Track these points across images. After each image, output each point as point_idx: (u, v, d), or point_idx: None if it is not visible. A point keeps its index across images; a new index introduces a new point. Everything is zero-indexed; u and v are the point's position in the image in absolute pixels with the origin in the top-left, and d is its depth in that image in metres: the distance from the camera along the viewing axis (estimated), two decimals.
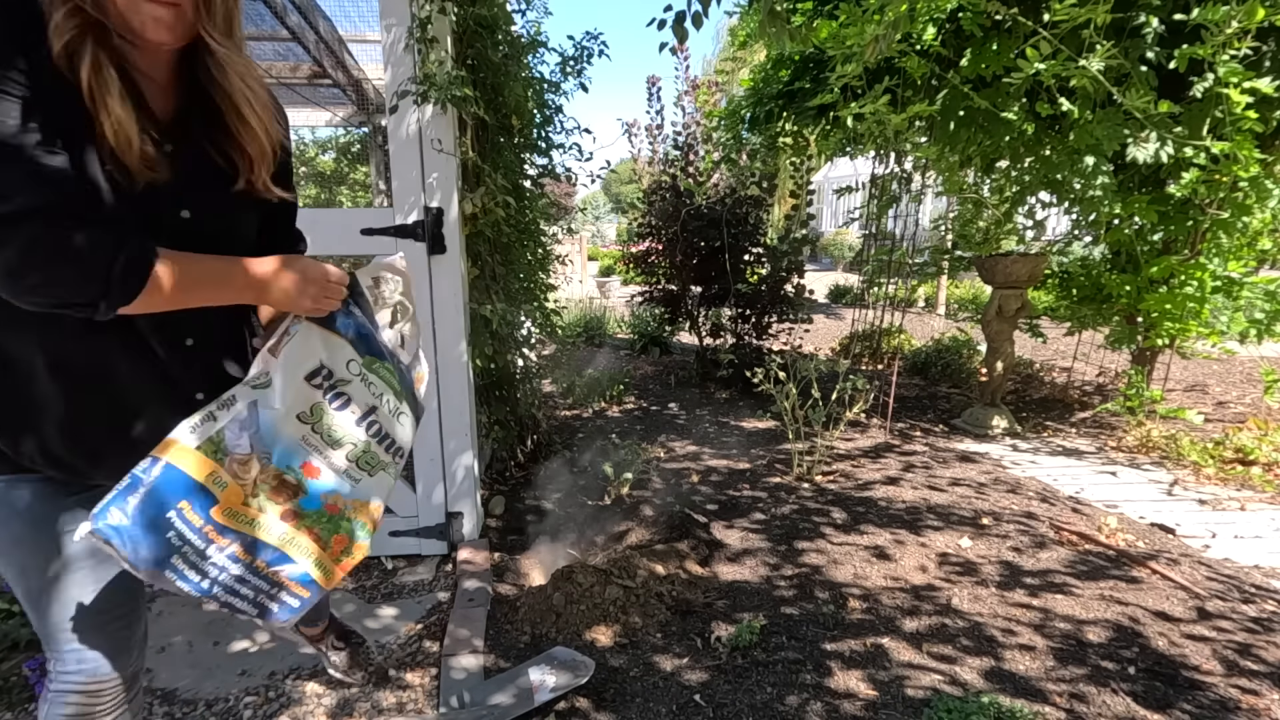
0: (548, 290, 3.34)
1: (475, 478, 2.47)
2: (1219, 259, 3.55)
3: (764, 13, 2.12)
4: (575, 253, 11.44)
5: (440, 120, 2.14)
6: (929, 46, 3.17)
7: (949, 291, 9.93)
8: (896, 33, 2.48)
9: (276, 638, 2.00)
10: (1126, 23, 2.84)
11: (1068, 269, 4.45)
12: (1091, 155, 3.08)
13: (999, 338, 4.05)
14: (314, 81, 4.47)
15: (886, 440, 3.92)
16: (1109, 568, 2.32)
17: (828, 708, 1.65)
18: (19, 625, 1.82)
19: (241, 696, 1.75)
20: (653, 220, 5.37)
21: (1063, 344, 6.26)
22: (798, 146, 4.97)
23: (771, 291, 4.99)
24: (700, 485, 3.20)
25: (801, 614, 2.06)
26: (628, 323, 7.91)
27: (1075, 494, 3.09)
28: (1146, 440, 3.73)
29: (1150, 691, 1.67)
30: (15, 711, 1.68)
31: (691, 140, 5.30)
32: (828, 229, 18.47)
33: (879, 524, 2.67)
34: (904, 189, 4.82)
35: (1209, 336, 3.62)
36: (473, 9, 2.27)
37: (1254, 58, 2.81)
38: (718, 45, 21.58)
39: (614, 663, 1.84)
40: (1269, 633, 1.93)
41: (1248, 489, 3.14)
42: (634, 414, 4.58)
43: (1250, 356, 5.83)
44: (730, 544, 2.54)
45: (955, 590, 2.17)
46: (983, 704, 1.56)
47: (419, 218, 2.20)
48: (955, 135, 3.57)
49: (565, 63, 2.93)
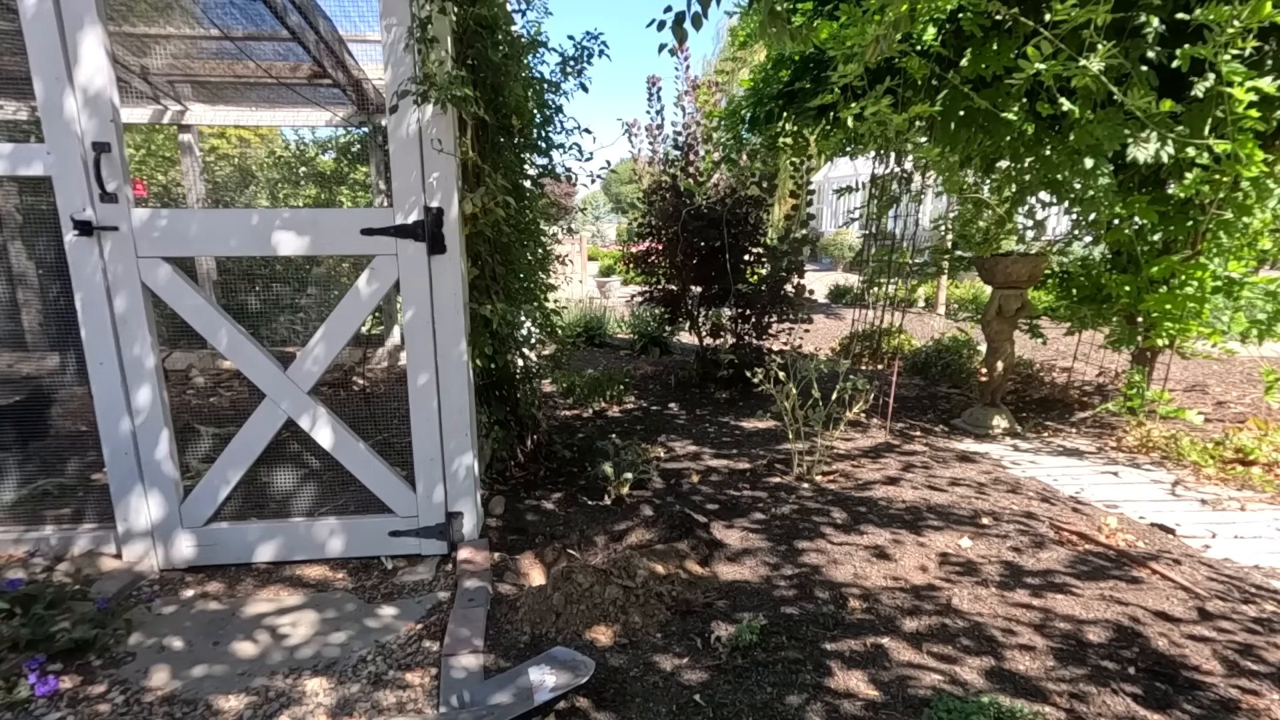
0: (548, 290, 3.34)
1: (475, 478, 2.47)
2: (1219, 259, 3.55)
3: (764, 13, 2.12)
4: (575, 253, 11.43)
5: (440, 120, 2.14)
6: (929, 47, 3.17)
7: (949, 291, 9.93)
8: (897, 33, 2.48)
9: (276, 638, 2.00)
10: (1127, 22, 2.84)
11: (1068, 269, 4.45)
12: (1092, 155, 3.08)
13: (999, 338, 4.04)
14: (314, 81, 4.48)
15: (886, 440, 3.92)
16: (1109, 568, 2.32)
17: (828, 708, 1.65)
18: (19, 626, 1.82)
19: (241, 696, 1.75)
20: (653, 220, 5.37)
21: (1063, 344, 6.26)
22: (798, 147, 4.97)
23: (771, 291, 4.99)
24: (700, 485, 3.20)
25: (802, 614, 2.06)
26: (628, 323, 7.91)
27: (1075, 494, 3.09)
28: (1147, 440, 3.73)
29: (1151, 691, 1.67)
30: (15, 711, 1.68)
31: (692, 140, 5.30)
32: (828, 229, 18.47)
33: (879, 524, 2.67)
34: (904, 189, 4.82)
35: (1209, 337, 3.62)
36: (473, 9, 2.26)
37: (1255, 57, 2.81)
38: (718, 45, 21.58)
39: (614, 662, 1.84)
40: (1269, 633, 1.93)
41: (1248, 489, 3.14)
42: (634, 414, 4.58)
43: (1250, 356, 5.83)
44: (730, 544, 2.54)
45: (955, 590, 2.17)
46: (983, 704, 1.56)
47: (419, 218, 2.20)
48: (955, 135, 3.57)
49: (565, 63, 2.93)
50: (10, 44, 3.32)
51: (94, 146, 2.05)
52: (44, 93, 2.01)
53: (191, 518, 2.37)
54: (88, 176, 2.08)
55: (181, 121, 5.35)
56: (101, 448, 2.26)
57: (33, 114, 4.03)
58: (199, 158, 5.70)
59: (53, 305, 2.83)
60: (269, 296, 4.05)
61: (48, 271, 2.77)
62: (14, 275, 3.09)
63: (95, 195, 2.09)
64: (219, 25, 3.72)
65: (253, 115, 5.67)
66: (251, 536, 2.40)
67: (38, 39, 1.98)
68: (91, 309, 2.15)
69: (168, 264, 2.19)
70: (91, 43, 2.00)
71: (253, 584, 2.31)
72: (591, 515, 2.86)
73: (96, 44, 2.00)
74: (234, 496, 2.41)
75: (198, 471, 2.54)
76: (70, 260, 2.12)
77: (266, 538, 2.41)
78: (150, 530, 2.34)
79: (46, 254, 2.54)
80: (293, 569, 2.39)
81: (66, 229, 2.10)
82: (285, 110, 5.50)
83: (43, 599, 1.93)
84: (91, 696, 1.74)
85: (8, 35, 3.21)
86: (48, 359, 3.00)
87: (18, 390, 2.97)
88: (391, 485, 2.44)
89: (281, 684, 1.80)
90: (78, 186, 2.08)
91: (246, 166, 8.70)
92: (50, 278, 2.78)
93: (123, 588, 2.21)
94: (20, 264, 3.13)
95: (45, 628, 1.85)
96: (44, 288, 3.02)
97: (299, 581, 2.32)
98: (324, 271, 5.00)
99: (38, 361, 3.02)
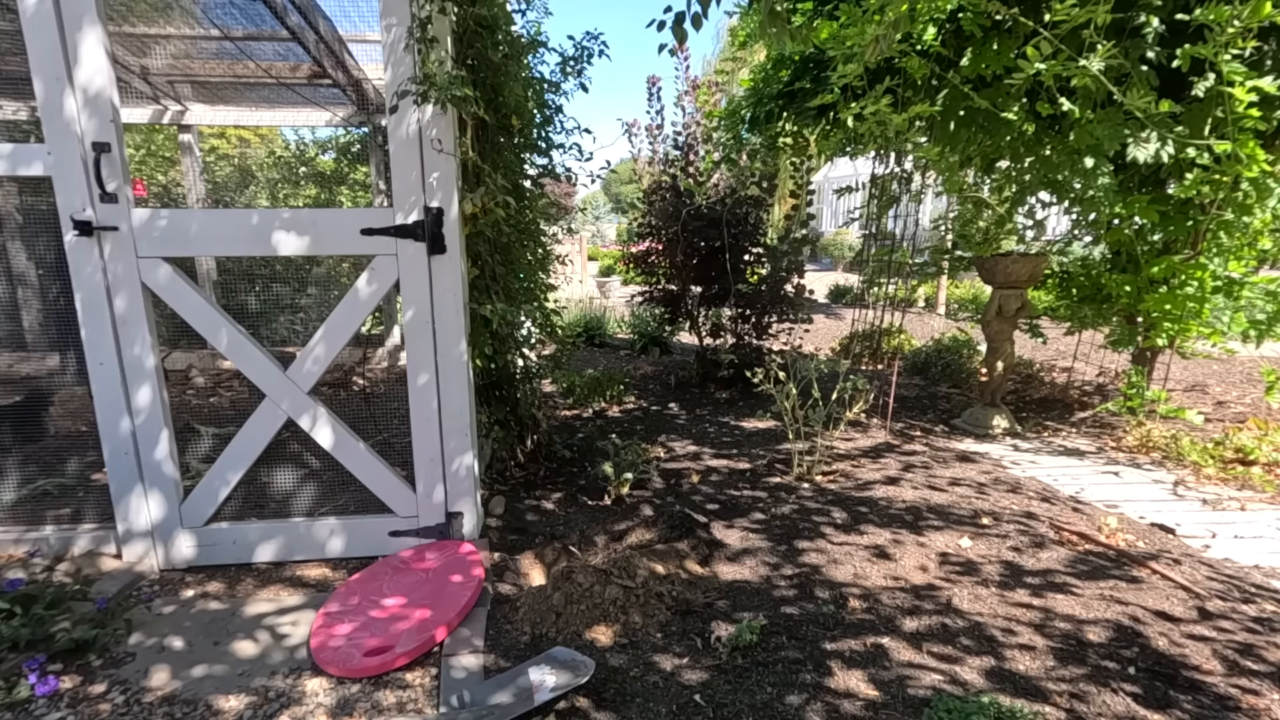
0: (548, 290, 3.34)
1: (475, 478, 2.47)
2: (1219, 259, 3.55)
3: (765, 13, 2.12)
4: (575, 253, 11.43)
5: (440, 120, 2.14)
6: (929, 47, 3.17)
7: (949, 291, 9.93)
8: (897, 33, 2.48)
9: (276, 638, 2.00)
10: (1127, 22, 2.84)
11: (1068, 269, 4.45)
12: (1092, 155, 3.08)
13: (999, 338, 4.04)
14: (314, 81, 4.48)
15: (886, 440, 3.92)
16: (1109, 568, 2.32)
17: (828, 707, 1.65)
18: (19, 626, 1.82)
19: (242, 696, 1.75)
20: (653, 220, 5.36)
21: (1063, 344, 6.26)
22: (798, 147, 4.97)
23: (771, 291, 4.99)
24: (700, 485, 3.20)
25: (802, 614, 2.06)
26: (628, 323, 7.91)
27: (1075, 494, 3.09)
28: (1147, 440, 3.73)
29: (1151, 691, 1.67)
30: (15, 711, 1.68)
31: (691, 140, 5.30)
32: (828, 229, 18.47)
33: (879, 524, 2.67)
34: (904, 189, 4.81)
35: (1209, 337, 3.61)
36: (473, 9, 2.26)
37: (1255, 57, 2.81)
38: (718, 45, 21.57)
39: (614, 662, 1.84)
40: (1269, 632, 1.93)
41: (1248, 489, 3.14)
42: (634, 414, 4.58)
43: (1250, 356, 5.83)
44: (730, 544, 2.54)
45: (955, 590, 2.17)
46: (983, 704, 1.56)
47: (419, 218, 2.20)
48: (955, 135, 3.57)
49: (565, 63, 2.93)
50: (10, 44, 3.32)
51: (94, 146, 2.06)
52: (44, 92, 2.01)
53: (191, 518, 2.37)
54: (88, 176, 2.08)
55: (181, 121, 5.35)
56: (101, 448, 2.26)
57: (33, 114, 4.03)
58: (199, 158, 5.70)
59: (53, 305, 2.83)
60: (269, 296, 4.05)
61: (48, 271, 2.77)
62: (14, 275, 3.09)
63: (95, 195, 2.09)
64: (219, 25, 3.72)
65: (253, 115, 5.66)
66: (252, 536, 2.40)
67: (38, 39, 1.98)
68: (91, 309, 2.15)
69: (168, 264, 2.19)
70: (91, 42, 2.00)
71: (253, 584, 2.31)
72: (592, 515, 2.86)
73: (96, 44, 2.00)
74: (234, 496, 2.41)
75: (198, 471, 2.54)
76: (70, 260, 2.12)
77: (267, 538, 2.41)
78: (150, 530, 2.34)
79: (46, 254, 2.54)
80: (293, 569, 2.39)
81: (66, 229, 2.10)
82: (285, 110, 5.50)
83: (43, 599, 1.93)
84: (91, 696, 1.74)
85: (8, 35, 3.21)
86: (48, 359, 3.00)
87: (18, 390, 2.97)
88: (391, 485, 2.45)
89: (282, 684, 1.80)
90: (78, 186, 2.08)
91: (246, 166, 8.70)
92: (50, 278, 2.78)
93: (123, 588, 2.21)
94: (20, 264, 3.13)
95: (45, 628, 1.85)
96: (44, 288, 3.02)
97: (299, 581, 2.32)
98: (324, 271, 5.01)
99: (38, 361, 3.02)
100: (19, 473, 2.67)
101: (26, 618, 1.85)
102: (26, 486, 2.67)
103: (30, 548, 2.36)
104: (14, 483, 2.63)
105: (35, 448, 2.79)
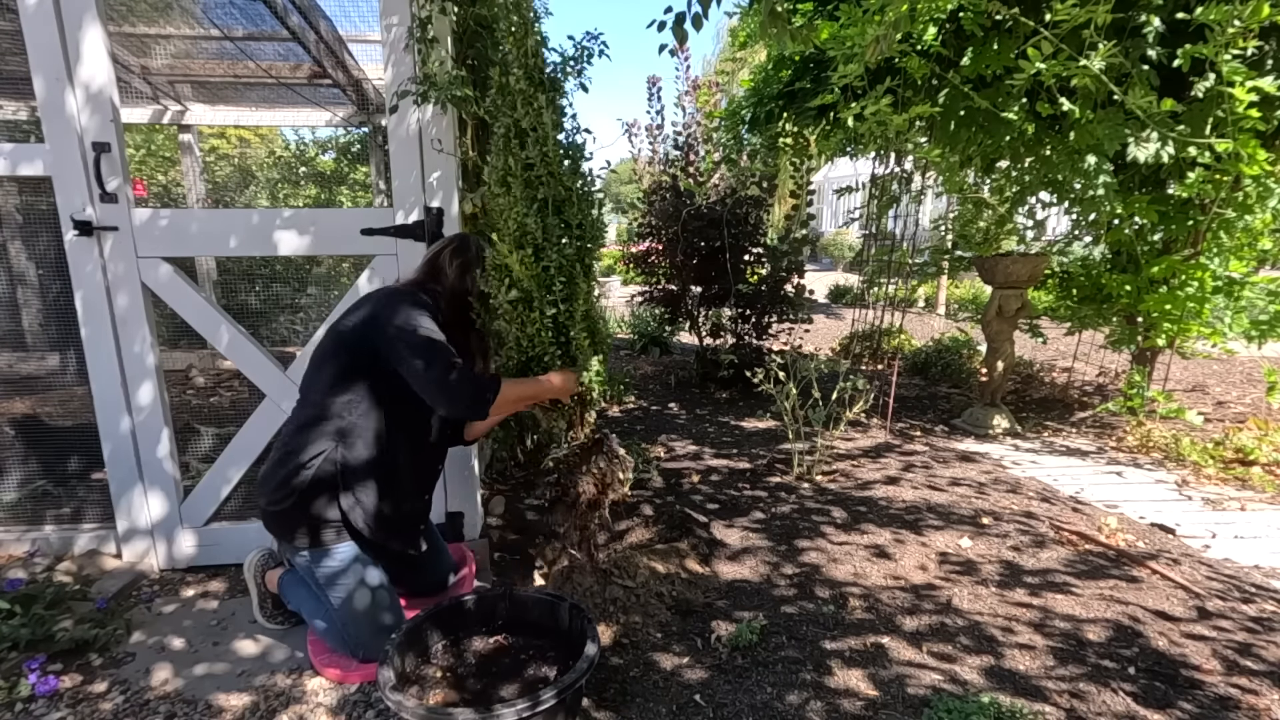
0: None
1: (475, 477, 2.47)
2: (1220, 259, 3.55)
3: (765, 13, 2.12)
4: None
5: (440, 120, 2.14)
6: (930, 47, 3.17)
7: (949, 291, 9.93)
8: (897, 33, 2.47)
9: (276, 638, 2.00)
10: (1127, 22, 2.84)
11: (1068, 269, 4.45)
12: (1092, 155, 3.08)
13: (999, 338, 4.05)
14: (314, 81, 4.47)
15: (887, 440, 3.92)
16: (1109, 567, 2.32)
17: (828, 707, 1.65)
18: (19, 625, 1.82)
19: (243, 695, 1.75)
20: (653, 220, 5.37)
21: (1063, 344, 6.26)
22: (798, 147, 4.97)
23: (771, 291, 4.99)
24: (700, 484, 3.20)
25: (802, 613, 2.06)
26: (628, 323, 7.91)
27: (1075, 494, 3.09)
28: (1147, 440, 3.73)
29: (1150, 691, 1.67)
30: (15, 711, 1.68)
31: (692, 140, 5.30)
32: (828, 229, 18.47)
33: (879, 523, 2.67)
34: (904, 189, 4.81)
35: (1210, 337, 3.62)
36: (473, 9, 2.26)
37: (1256, 57, 2.81)
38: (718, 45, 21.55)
39: (614, 662, 1.84)
40: (1269, 632, 1.93)
41: (1248, 489, 3.14)
42: (634, 413, 4.58)
43: (1250, 356, 5.83)
44: (730, 543, 2.54)
45: (955, 589, 2.17)
46: (983, 703, 1.56)
47: (419, 218, 2.20)
48: (956, 135, 3.56)
49: (565, 63, 2.92)
50: (10, 44, 3.32)
51: (94, 146, 2.06)
52: (44, 92, 2.01)
53: (192, 517, 2.37)
54: (88, 176, 2.08)
55: (181, 121, 5.35)
56: (102, 447, 2.26)
57: (33, 114, 4.03)
58: (199, 158, 5.70)
59: (53, 305, 2.82)
60: (269, 296, 4.05)
61: (48, 271, 2.77)
62: (14, 275, 3.08)
63: (95, 195, 2.09)
64: (219, 25, 3.72)
65: (253, 115, 5.66)
66: (252, 536, 2.39)
67: (38, 38, 1.98)
68: (91, 308, 2.16)
69: (168, 264, 2.19)
70: (91, 42, 2.00)
71: None
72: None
73: (97, 43, 2.00)
74: (235, 496, 2.41)
75: (198, 471, 2.54)
76: (70, 260, 2.12)
77: (267, 537, 2.41)
78: (151, 529, 2.34)
79: (46, 254, 2.54)
80: None
81: (66, 229, 2.10)
82: (285, 110, 5.50)
83: (43, 599, 1.94)
84: (92, 696, 1.74)
85: (8, 35, 3.21)
86: (48, 359, 3.00)
87: (18, 390, 2.97)
88: None
89: (283, 683, 1.80)
90: (78, 186, 2.08)
91: (246, 166, 8.70)
92: (50, 277, 2.78)
93: (123, 587, 2.21)
94: (20, 264, 3.13)
95: (46, 627, 1.85)
96: (44, 287, 3.02)
97: None
98: (324, 271, 5.01)
99: (38, 361, 3.02)
100: (19, 472, 2.67)
101: (27, 617, 1.85)
102: (27, 486, 2.67)
103: (31, 547, 2.36)
104: (14, 482, 2.63)
105: (35, 447, 2.79)
